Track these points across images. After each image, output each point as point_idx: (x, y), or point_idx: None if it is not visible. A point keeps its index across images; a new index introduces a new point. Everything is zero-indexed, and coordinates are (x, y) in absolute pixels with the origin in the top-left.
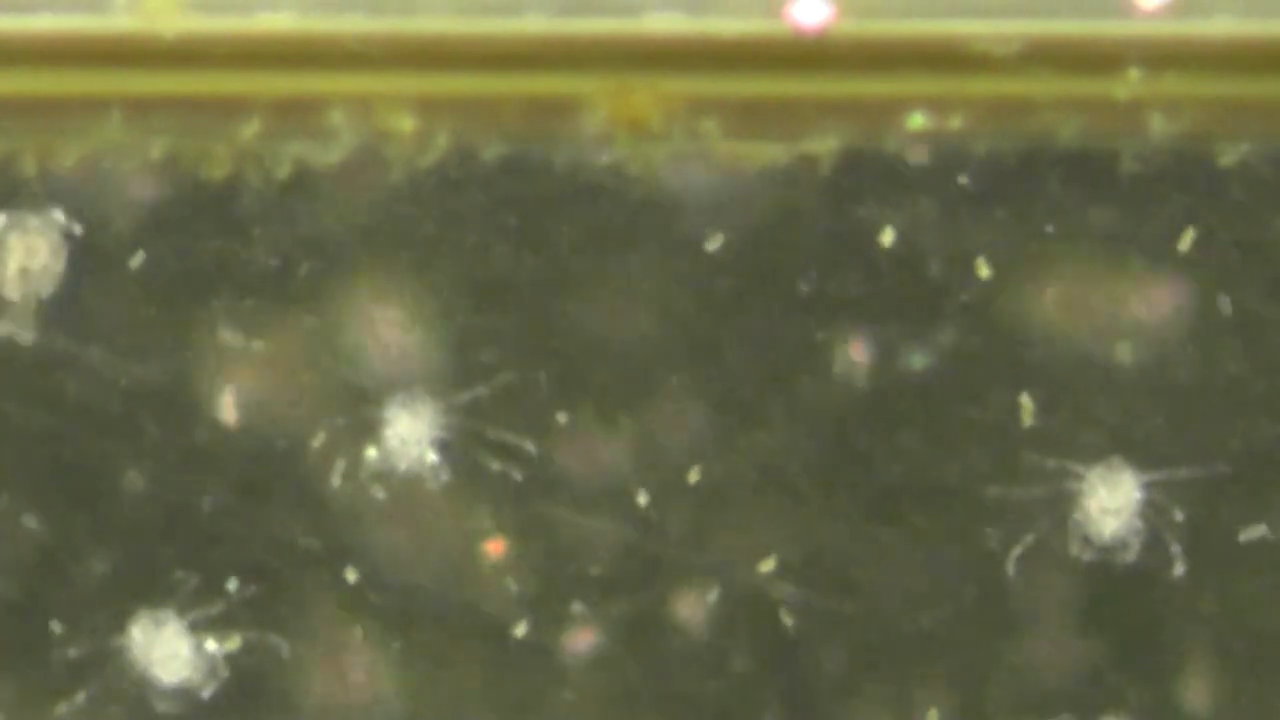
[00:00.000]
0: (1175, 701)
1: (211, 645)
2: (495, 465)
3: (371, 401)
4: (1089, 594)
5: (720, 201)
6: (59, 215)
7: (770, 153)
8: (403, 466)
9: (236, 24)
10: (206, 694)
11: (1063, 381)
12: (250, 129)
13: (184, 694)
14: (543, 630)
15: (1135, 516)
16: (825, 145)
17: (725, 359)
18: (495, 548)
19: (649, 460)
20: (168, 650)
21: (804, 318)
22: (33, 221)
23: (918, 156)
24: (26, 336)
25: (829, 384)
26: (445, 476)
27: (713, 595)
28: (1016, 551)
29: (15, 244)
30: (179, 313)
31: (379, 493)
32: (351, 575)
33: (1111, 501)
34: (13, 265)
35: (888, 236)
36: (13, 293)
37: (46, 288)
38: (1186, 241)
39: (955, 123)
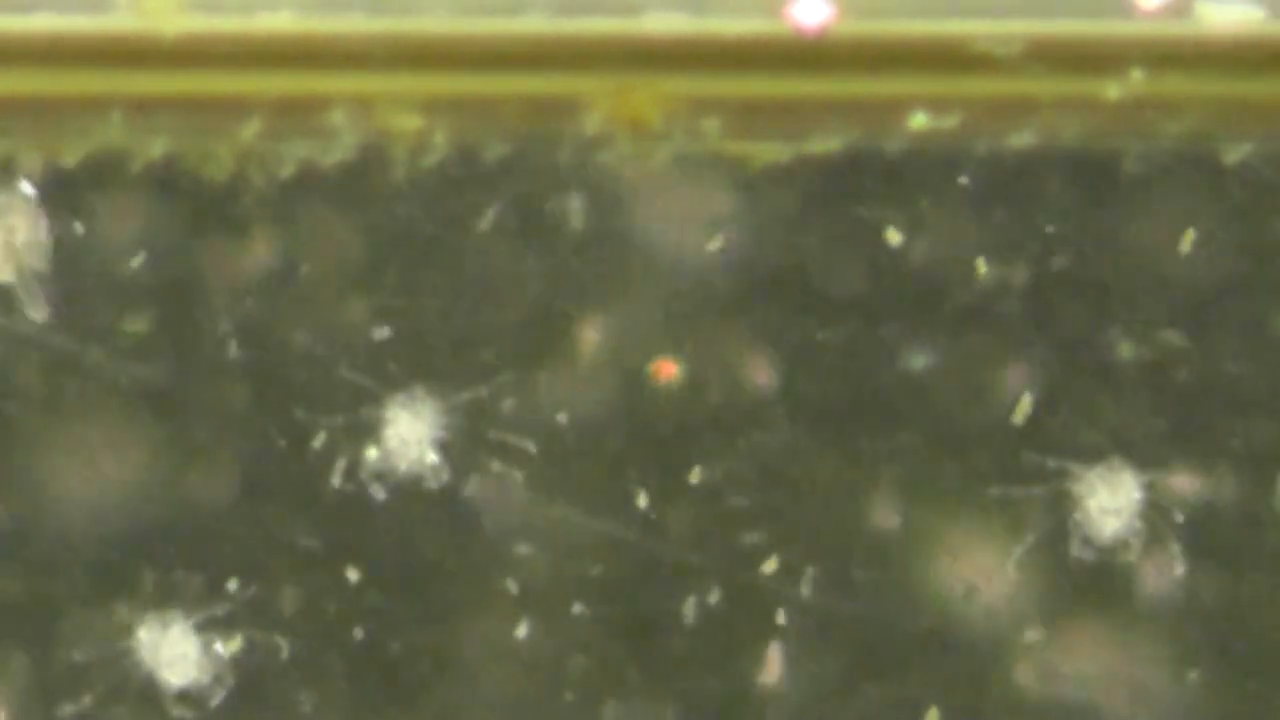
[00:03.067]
0: (1175, 701)
1: (219, 647)
2: (495, 465)
3: (372, 401)
4: (1089, 594)
5: (720, 201)
6: (26, 187)
7: (771, 153)
8: (403, 466)
9: (237, 24)
10: (212, 694)
11: (1063, 381)
12: (251, 129)
13: (189, 694)
14: (543, 630)
15: (1135, 516)
16: (826, 145)
17: (726, 359)
18: (666, 370)
19: (649, 460)
20: (175, 651)
21: (804, 318)
22: (1, 199)
23: (918, 156)
24: (39, 313)
25: (829, 384)
26: (445, 476)
27: (713, 595)
28: (1016, 551)
29: None
30: (179, 313)
31: (379, 493)
32: (352, 575)
33: (1112, 501)
34: None
35: (888, 236)
36: (7, 274)
37: (39, 261)
38: (1187, 242)
39: (955, 123)
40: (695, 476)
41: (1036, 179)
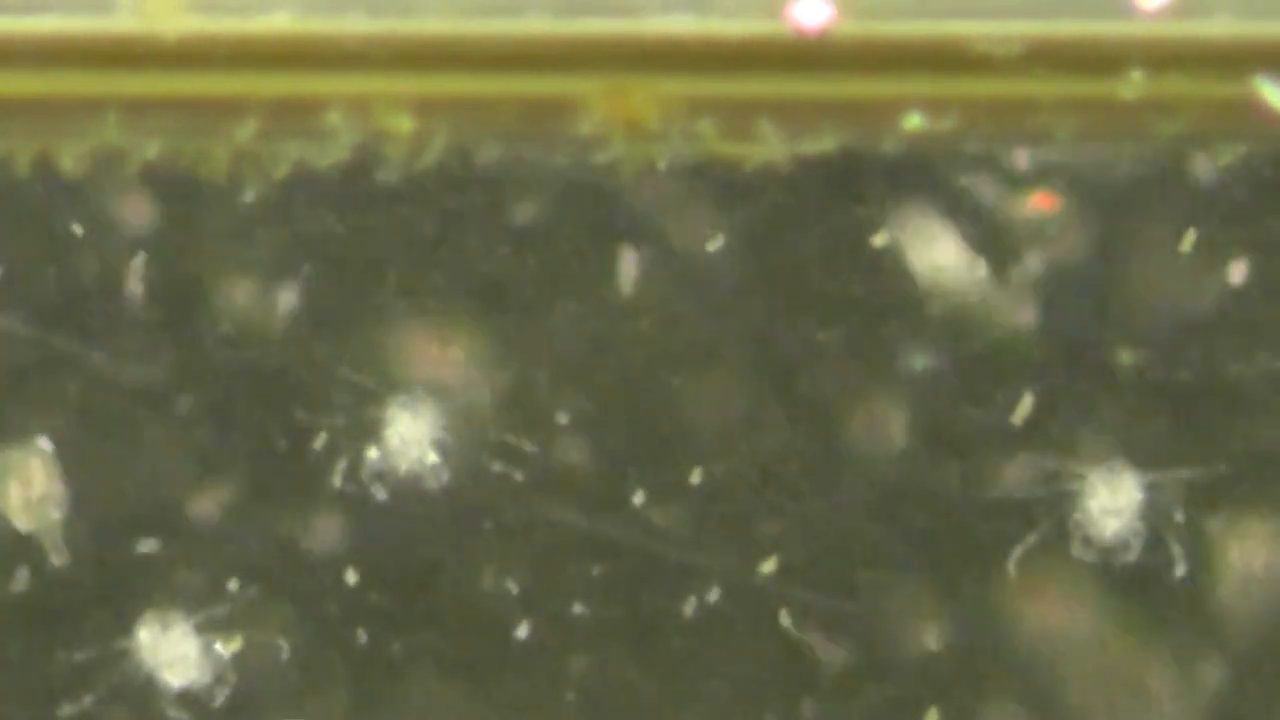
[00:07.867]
0: (1176, 701)
1: (219, 647)
2: (495, 465)
3: (372, 401)
4: (1090, 594)
5: (720, 201)
6: (44, 443)
7: (769, 153)
8: (404, 467)
9: (236, 24)
10: (212, 694)
11: (1063, 381)
12: (247, 130)
13: (189, 694)
14: (544, 631)
15: (1136, 517)
16: (824, 146)
17: (725, 359)
18: (1045, 202)
19: (649, 460)
20: (175, 651)
21: (804, 318)
22: (16, 455)
23: (916, 157)
24: (60, 558)
25: (829, 384)
26: (445, 477)
27: (713, 595)
28: (1017, 551)
29: (14, 477)
30: (178, 313)
31: (379, 493)
32: (351, 575)
33: (1112, 502)
34: (15, 498)
35: (886, 237)
36: (24, 524)
37: (56, 511)
38: (1187, 242)
39: (955, 123)
40: (695, 476)
41: (1036, 179)
